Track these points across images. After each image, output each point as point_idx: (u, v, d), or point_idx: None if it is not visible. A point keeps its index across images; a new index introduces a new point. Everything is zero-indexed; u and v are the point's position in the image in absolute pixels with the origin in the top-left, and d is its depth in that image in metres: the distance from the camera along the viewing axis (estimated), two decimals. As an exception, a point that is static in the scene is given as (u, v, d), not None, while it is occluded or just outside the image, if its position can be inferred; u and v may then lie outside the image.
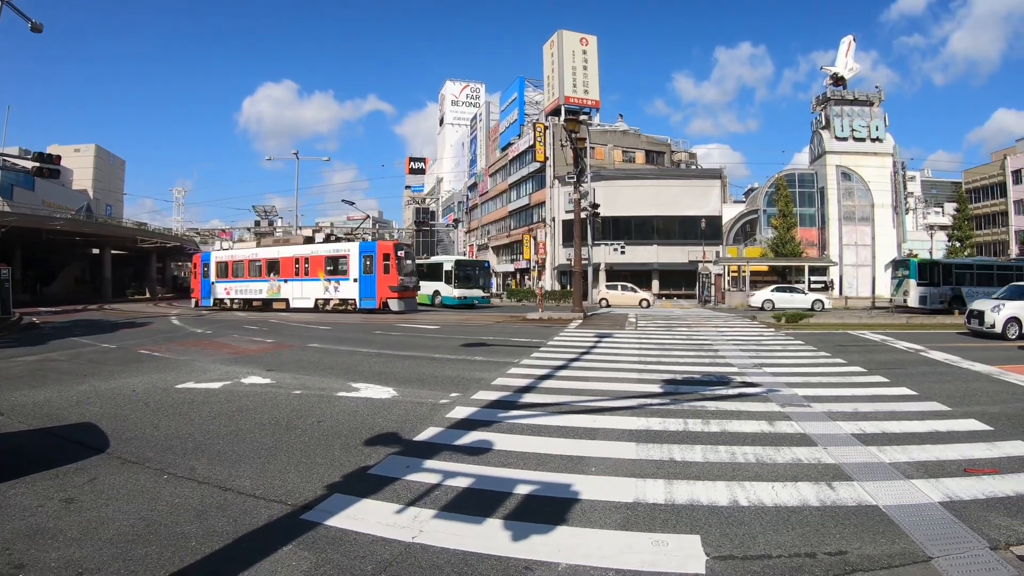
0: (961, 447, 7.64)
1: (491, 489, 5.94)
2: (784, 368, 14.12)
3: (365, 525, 5.08)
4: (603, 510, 5.48)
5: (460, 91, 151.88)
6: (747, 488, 6.07)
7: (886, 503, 5.71)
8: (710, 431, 8.27)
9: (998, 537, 5.00)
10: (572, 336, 20.91)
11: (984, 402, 10.51)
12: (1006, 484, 6.27)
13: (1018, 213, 73.13)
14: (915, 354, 16.84)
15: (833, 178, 62.34)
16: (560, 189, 60.88)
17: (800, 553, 4.72)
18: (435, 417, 8.92)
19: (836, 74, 66.98)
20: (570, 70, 64.44)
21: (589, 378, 12.41)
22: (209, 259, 44.64)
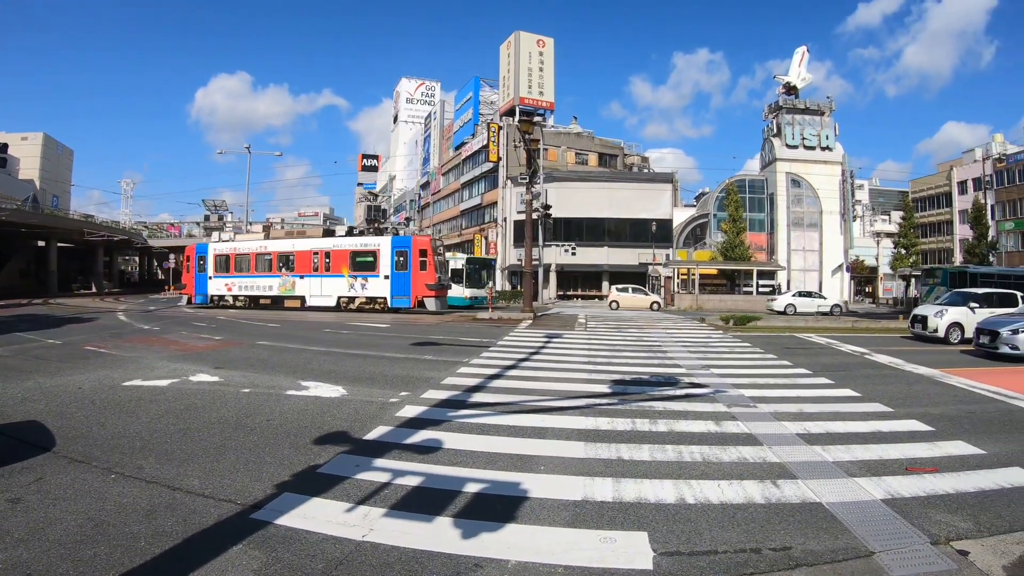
0: (903, 447, 7.86)
1: (441, 488, 5.94)
2: (731, 369, 14.34)
3: (315, 524, 5.04)
4: (552, 508, 5.53)
5: (415, 89, 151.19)
6: (694, 486, 6.16)
7: (830, 500, 5.86)
8: (658, 431, 8.36)
9: (938, 532, 5.18)
10: (522, 336, 20.95)
11: (926, 404, 10.82)
12: (946, 482, 6.50)
13: (962, 222, 74.71)
14: (860, 357, 17.25)
15: (783, 184, 63.59)
16: (512, 189, 60.97)
17: (745, 549, 4.82)
18: (385, 416, 8.87)
19: (789, 83, 68.35)
20: (526, 71, 64.55)
21: (538, 378, 12.45)
22: (207, 251, 40.35)
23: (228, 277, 38.88)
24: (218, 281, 39.13)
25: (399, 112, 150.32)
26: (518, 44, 64.41)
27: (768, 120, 69.00)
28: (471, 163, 77.56)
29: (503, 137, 63.39)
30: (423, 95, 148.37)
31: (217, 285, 39.14)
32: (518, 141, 40.33)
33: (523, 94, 64.36)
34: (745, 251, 56.27)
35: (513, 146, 59.40)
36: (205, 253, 40.11)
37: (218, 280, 39.13)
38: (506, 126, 63.89)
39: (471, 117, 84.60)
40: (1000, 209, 71.14)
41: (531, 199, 32.65)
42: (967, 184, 77.68)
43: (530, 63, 64.48)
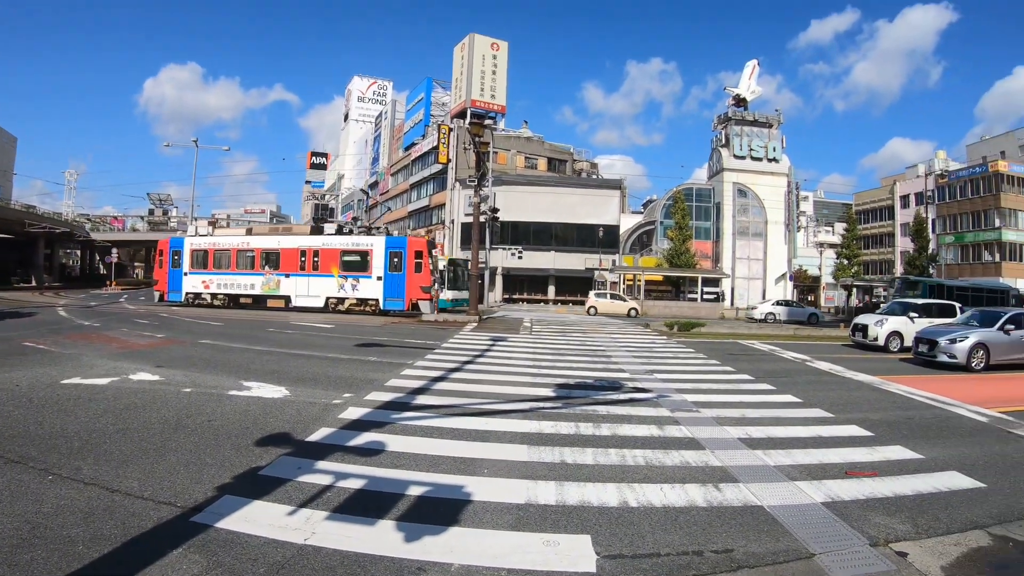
0: (843, 451, 8.04)
1: (384, 491, 5.87)
2: (675, 375, 14.45)
3: (257, 527, 4.93)
4: (495, 511, 5.50)
5: (367, 87, 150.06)
6: (636, 489, 6.18)
7: (771, 503, 5.94)
8: (601, 434, 8.38)
9: (877, 535, 5.31)
10: (467, 339, 20.87)
11: (865, 409, 11.06)
12: (885, 486, 6.66)
13: (904, 235, 77.47)
14: (802, 364, 17.58)
15: (729, 194, 64.66)
16: (461, 192, 60.76)
17: (688, 551, 4.86)
18: (328, 418, 8.74)
19: (739, 95, 69.67)
20: (479, 74, 64.54)
21: (483, 381, 12.40)
22: (182, 245, 37.35)
23: (206, 274, 36.50)
24: (194, 278, 36.68)
25: (350, 110, 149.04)
26: (472, 46, 64.46)
27: (717, 131, 70.19)
28: (420, 164, 77.09)
29: (453, 139, 63.24)
30: (375, 94, 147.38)
31: (193, 282, 36.68)
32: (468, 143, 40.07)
33: (475, 97, 64.49)
34: (691, 258, 56.99)
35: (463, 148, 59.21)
36: (180, 247, 37.41)
37: (194, 276, 36.68)
38: (457, 128, 63.74)
39: (422, 118, 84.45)
40: (941, 223, 74.17)
41: (479, 202, 32.58)
42: (909, 198, 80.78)
43: (483, 66, 64.56)
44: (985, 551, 5.17)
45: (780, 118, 68.92)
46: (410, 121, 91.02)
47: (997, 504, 6.33)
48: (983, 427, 10.14)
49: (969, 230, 70.58)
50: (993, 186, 67.92)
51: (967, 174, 72.74)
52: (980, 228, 69.13)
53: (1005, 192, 67.22)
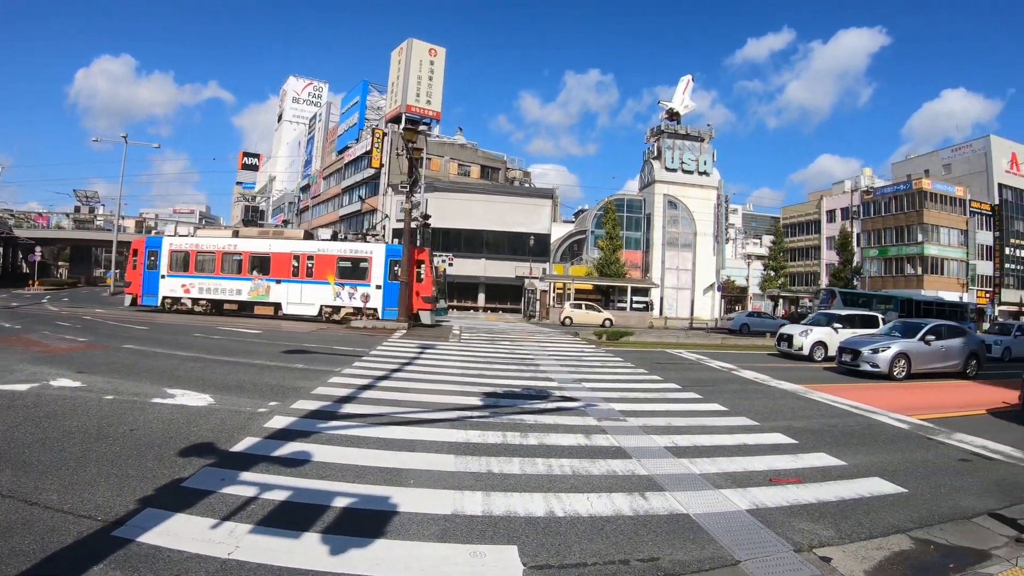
0: (768, 459, 8.17)
1: (309, 502, 5.73)
2: (602, 383, 14.53)
3: (179, 541, 4.75)
4: (422, 522, 5.42)
5: (303, 88, 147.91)
6: (563, 499, 6.16)
7: (696, 511, 5.98)
8: (528, 444, 8.33)
9: (801, 540, 5.40)
10: (396, 346, 20.60)
11: (790, 417, 11.31)
12: (808, 492, 6.81)
13: (830, 248, 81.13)
14: (728, 373, 17.86)
15: (660, 205, 66.03)
16: (393, 197, 60.21)
17: (614, 560, 4.86)
18: (253, 427, 8.47)
19: (672, 109, 71.51)
20: (415, 79, 63.77)
21: (410, 389, 12.22)
22: (160, 246, 34.56)
23: (186, 277, 33.81)
24: (173, 281, 33.87)
25: (284, 111, 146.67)
26: (410, 51, 63.81)
27: (650, 143, 71.83)
28: (353, 168, 76.41)
29: (387, 144, 62.93)
30: (310, 95, 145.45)
31: (172, 285, 33.85)
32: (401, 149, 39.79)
33: (411, 102, 63.76)
34: (620, 268, 57.67)
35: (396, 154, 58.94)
36: (158, 248, 34.49)
37: (173, 280, 33.87)
38: (391, 133, 63.29)
39: (357, 121, 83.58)
40: (865, 237, 78.29)
41: (410, 208, 32.23)
42: (835, 213, 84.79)
43: (420, 71, 63.87)
44: (907, 555, 5.31)
45: (712, 132, 71.10)
46: (344, 124, 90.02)
47: (918, 508, 6.54)
48: (905, 434, 10.47)
49: (893, 244, 74.37)
50: (917, 203, 71.71)
51: (892, 191, 76.89)
52: (903, 243, 72.81)
53: (928, 209, 71.19)
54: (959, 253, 73.36)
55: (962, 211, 74.64)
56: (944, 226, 72.63)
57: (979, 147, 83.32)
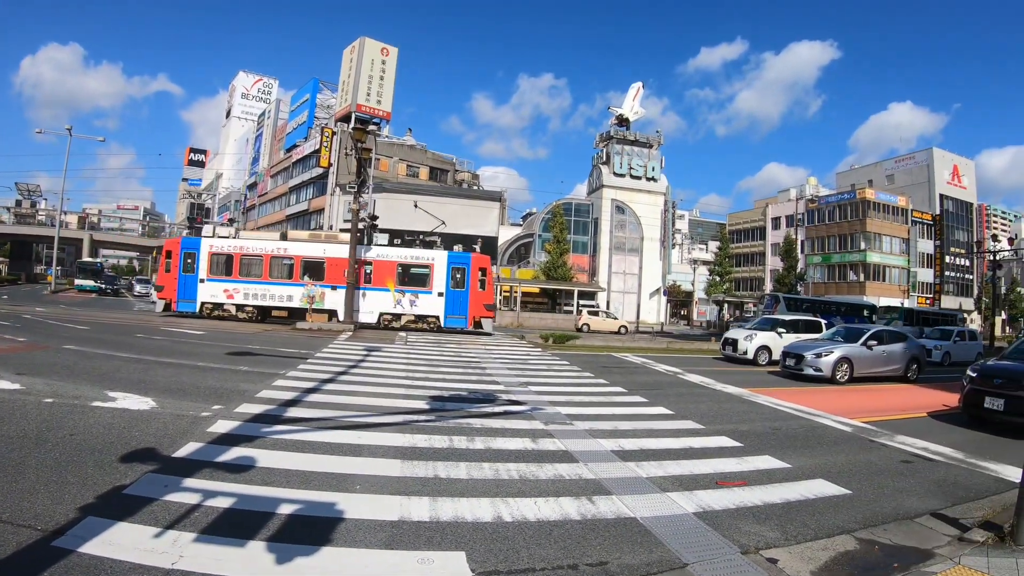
0: (714, 462, 8.28)
1: (254, 509, 5.61)
2: (549, 387, 14.55)
3: (122, 551, 4.61)
4: (368, 529, 5.36)
5: (252, 84, 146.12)
6: (511, 504, 6.14)
7: (644, 515, 6.02)
8: (475, 448, 8.30)
9: (748, 542, 5.48)
10: (342, 348, 20.38)
11: (735, 421, 11.48)
12: (754, 495, 6.91)
13: (774, 255, 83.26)
14: (673, 376, 18.09)
15: (608, 210, 66.70)
16: (341, 197, 59.62)
17: (563, 565, 4.86)
18: (196, 431, 8.27)
19: (622, 115, 72.50)
20: (367, 78, 63.09)
21: (356, 393, 12.10)
22: (198, 247, 32.03)
23: (229, 282, 31.65)
24: (214, 286, 31.54)
25: (233, 107, 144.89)
26: (362, 50, 63.19)
27: (599, 148, 72.71)
28: (301, 167, 75.63)
29: (336, 143, 62.34)
30: (260, 91, 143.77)
31: (212, 290, 31.56)
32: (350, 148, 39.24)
33: (361, 101, 63.16)
34: (567, 271, 58.03)
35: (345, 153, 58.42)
36: (196, 249, 31.99)
37: (214, 284, 31.54)
38: (340, 132, 62.66)
39: (306, 119, 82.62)
40: (809, 244, 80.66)
41: (358, 209, 31.90)
42: (780, 220, 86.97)
43: (372, 70, 63.28)
44: (852, 555, 5.42)
45: (660, 139, 72.47)
46: (294, 122, 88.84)
47: (862, 509, 6.69)
48: (848, 436, 10.72)
49: (836, 251, 76.57)
50: (860, 212, 74.02)
51: (836, 200, 79.41)
52: (847, 250, 75.07)
53: (871, 217, 73.60)
54: (900, 261, 75.77)
55: (904, 220, 77.30)
56: (886, 234, 75.15)
57: (922, 159, 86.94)
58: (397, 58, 65.55)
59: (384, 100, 63.95)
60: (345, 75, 66.34)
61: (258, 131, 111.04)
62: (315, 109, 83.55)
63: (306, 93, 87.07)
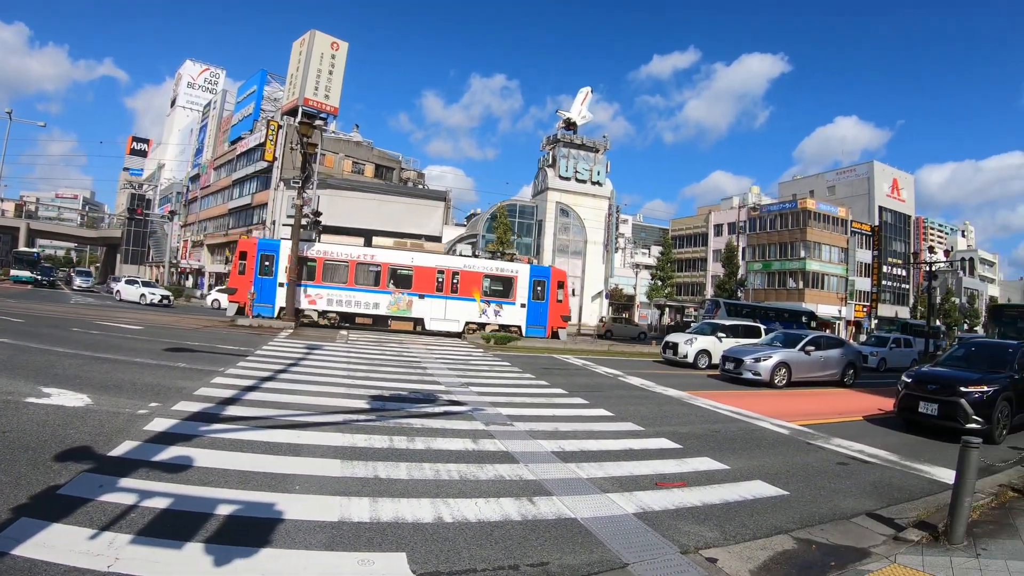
0: (653, 463, 8.38)
1: (192, 510, 5.50)
2: (490, 388, 14.57)
3: (56, 553, 4.47)
4: (308, 530, 5.30)
5: (199, 74, 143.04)
6: (451, 505, 6.13)
7: (584, 516, 6.05)
8: (415, 448, 8.26)
9: (687, 542, 5.57)
10: (282, 346, 20.10)
11: (675, 423, 11.63)
12: (694, 495, 7.02)
13: (715, 261, 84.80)
14: (614, 379, 18.24)
15: (552, 213, 67.09)
16: (284, 192, 58.69)
17: (504, 566, 4.87)
18: (132, 429, 8.06)
19: (569, 119, 73.05)
20: (315, 72, 62.28)
21: (296, 391, 11.93)
22: (277, 249, 31.00)
23: (312, 287, 31.08)
24: (298, 290, 30.58)
25: (178, 96, 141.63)
26: (312, 43, 62.40)
27: (545, 151, 73.11)
28: (246, 160, 74.52)
29: (282, 137, 61.41)
30: (206, 81, 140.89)
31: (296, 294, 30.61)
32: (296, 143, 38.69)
33: (309, 95, 62.40)
34: (510, 273, 58.09)
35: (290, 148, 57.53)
36: (275, 251, 30.98)
37: (298, 288, 30.57)
38: (286, 126, 61.73)
39: (252, 111, 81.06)
40: (751, 251, 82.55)
41: (301, 204, 31.56)
42: (723, 227, 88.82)
43: (321, 64, 62.53)
44: (790, 554, 5.54)
45: (607, 144, 73.10)
46: (239, 114, 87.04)
47: (800, 510, 6.85)
48: (785, 439, 10.94)
49: (776, 259, 78.47)
50: (801, 221, 75.94)
51: (778, 209, 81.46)
52: (787, 258, 76.97)
53: (811, 227, 75.64)
54: (839, 269, 77.74)
55: (843, 230, 79.43)
56: (826, 244, 77.09)
57: (863, 171, 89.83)
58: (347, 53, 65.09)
59: (332, 95, 63.38)
60: (294, 68, 65.56)
61: (203, 122, 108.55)
62: (262, 101, 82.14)
63: (253, 84, 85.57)
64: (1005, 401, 11.99)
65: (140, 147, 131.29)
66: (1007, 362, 12.97)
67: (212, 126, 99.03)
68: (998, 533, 6.32)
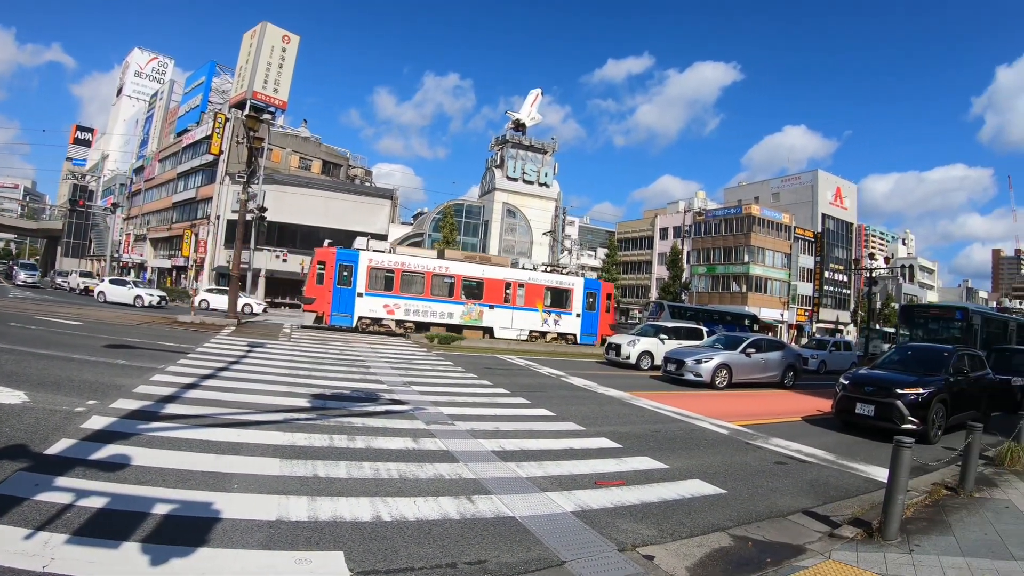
0: (593, 462, 8.45)
1: (129, 509, 5.39)
2: (432, 387, 14.53)
3: None
4: (245, 529, 5.24)
5: (147, 63, 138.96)
6: (390, 503, 6.10)
7: (523, 514, 6.08)
8: (356, 447, 8.21)
9: (625, 540, 5.62)
10: (224, 343, 19.78)
11: (616, 423, 11.73)
12: (632, 494, 7.10)
13: (660, 264, 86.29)
14: (556, 379, 18.32)
15: (499, 213, 67.35)
16: (230, 187, 57.75)
17: (442, 564, 4.88)
18: (69, 427, 7.85)
19: (519, 120, 73.34)
20: (265, 65, 61.21)
21: (237, 389, 11.75)
22: (356, 260, 30.94)
23: (390, 297, 31.36)
24: (373, 301, 30.98)
25: (124, 85, 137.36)
26: (263, 35, 61.38)
27: (494, 151, 73.40)
28: (191, 152, 72.93)
29: (228, 130, 60.37)
30: (154, 71, 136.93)
31: (371, 305, 31.07)
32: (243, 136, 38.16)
33: (258, 88, 61.38)
34: (456, 273, 58.08)
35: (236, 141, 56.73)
36: (354, 262, 30.91)
37: (373, 299, 30.97)
38: (234, 119, 60.63)
39: (200, 103, 79.35)
40: (695, 255, 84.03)
41: (246, 199, 31.19)
42: (668, 231, 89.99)
43: (271, 57, 61.53)
44: (726, 551, 5.64)
45: (555, 146, 73.73)
46: (186, 105, 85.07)
47: (737, 508, 6.97)
48: (724, 439, 11.11)
49: (721, 263, 80.00)
50: (745, 226, 77.57)
51: (723, 214, 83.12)
52: (731, 262, 78.52)
53: (755, 232, 77.34)
54: (782, 274, 79.43)
55: (787, 236, 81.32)
56: (769, 249, 78.81)
57: (807, 179, 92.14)
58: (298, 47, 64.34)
59: (281, 89, 62.56)
60: (243, 60, 64.50)
61: (149, 112, 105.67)
62: (210, 93, 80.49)
63: (202, 75, 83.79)
64: (940, 403, 12.41)
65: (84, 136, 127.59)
66: (943, 365, 13.38)
67: (158, 117, 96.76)
68: (931, 530, 6.53)
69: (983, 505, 7.71)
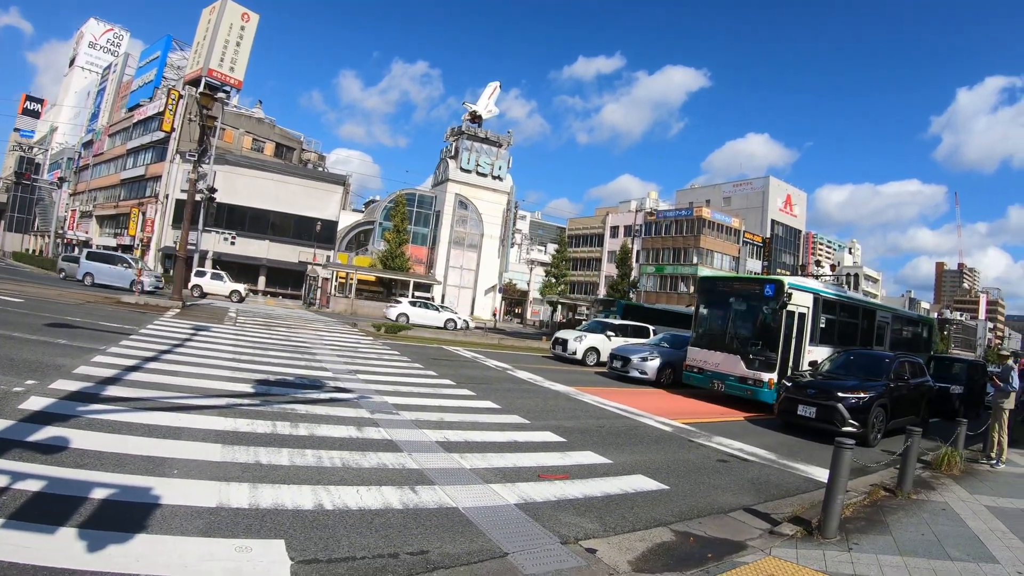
0: (537, 455, 8.47)
1: (66, 493, 5.23)
2: (378, 376, 14.46)
3: None
4: (185, 516, 5.12)
5: (102, 34, 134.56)
6: (332, 492, 6.05)
7: (466, 505, 6.07)
8: (299, 434, 8.12)
9: (568, 533, 5.65)
10: (168, 325, 19.36)
11: (560, 417, 11.81)
12: (575, 488, 7.13)
13: (609, 261, 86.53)
14: (503, 372, 18.38)
15: (451, 204, 67.12)
16: (180, 165, 56.49)
17: (384, 554, 4.84)
18: (6, 408, 7.59)
19: (476, 112, 73.03)
20: (222, 42, 59.90)
21: (179, 373, 11.48)
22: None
23: None
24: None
25: (78, 55, 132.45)
26: (222, 11, 60.04)
27: (448, 142, 72.92)
28: (143, 128, 71.15)
29: (182, 107, 58.99)
30: (109, 42, 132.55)
31: None
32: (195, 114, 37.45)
33: (214, 66, 60.10)
34: (405, 262, 57.76)
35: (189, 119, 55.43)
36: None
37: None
38: (188, 96, 59.32)
39: (154, 78, 77.29)
40: (644, 254, 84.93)
41: (196, 179, 30.54)
42: (619, 229, 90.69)
43: (229, 35, 60.27)
44: (668, 546, 5.71)
45: (511, 139, 73.65)
46: (140, 79, 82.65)
47: (679, 504, 7.07)
48: (668, 436, 11.25)
49: (669, 263, 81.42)
50: (695, 228, 79.03)
51: (674, 215, 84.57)
52: (679, 263, 79.89)
53: (705, 235, 78.83)
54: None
55: (736, 240, 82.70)
56: (718, 251, 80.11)
57: (759, 185, 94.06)
58: (258, 25, 63.23)
59: (238, 68, 61.47)
60: (201, 36, 63.17)
61: (101, 85, 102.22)
62: (165, 68, 78.34)
63: (157, 50, 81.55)
64: (880, 407, 12.80)
65: (34, 107, 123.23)
66: (884, 371, 13.77)
67: (111, 90, 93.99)
68: (869, 529, 6.71)
69: (921, 507, 7.95)
